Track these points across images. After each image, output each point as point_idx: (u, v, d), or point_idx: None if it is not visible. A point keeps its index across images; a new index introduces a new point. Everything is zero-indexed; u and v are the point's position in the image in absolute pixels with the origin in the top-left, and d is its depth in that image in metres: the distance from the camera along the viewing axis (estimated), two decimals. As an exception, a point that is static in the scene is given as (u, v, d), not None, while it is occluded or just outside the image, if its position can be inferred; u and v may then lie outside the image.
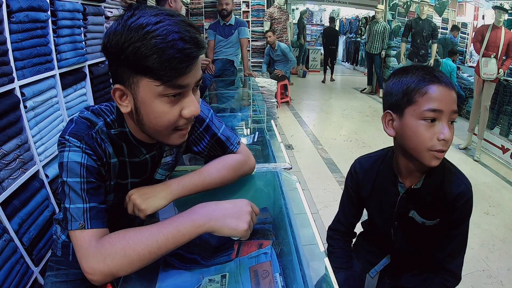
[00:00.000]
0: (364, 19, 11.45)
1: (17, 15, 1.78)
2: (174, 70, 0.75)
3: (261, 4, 7.47)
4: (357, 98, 7.84)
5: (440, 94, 0.98)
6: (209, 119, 1.12)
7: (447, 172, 1.14)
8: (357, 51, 12.06)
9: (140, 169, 1.03)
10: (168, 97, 0.80)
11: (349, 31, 12.95)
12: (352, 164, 1.35)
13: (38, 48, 1.95)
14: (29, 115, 1.88)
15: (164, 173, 1.13)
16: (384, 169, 1.23)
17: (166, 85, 0.77)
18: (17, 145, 1.76)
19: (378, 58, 7.55)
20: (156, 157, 1.05)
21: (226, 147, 1.16)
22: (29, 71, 1.88)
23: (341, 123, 6.00)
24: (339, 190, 3.55)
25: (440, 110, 0.98)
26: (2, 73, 1.67)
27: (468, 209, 1.14)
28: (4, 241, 1.64)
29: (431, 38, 6.08)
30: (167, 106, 0.81)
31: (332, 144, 4.89)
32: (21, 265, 1.74)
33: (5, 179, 1.69)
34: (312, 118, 6.23)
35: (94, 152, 0.87)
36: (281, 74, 6.33)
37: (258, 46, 7.68)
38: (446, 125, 0.99)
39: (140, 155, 1.00)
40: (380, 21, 7.35)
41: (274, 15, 7.03)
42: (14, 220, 1.73)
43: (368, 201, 1.32)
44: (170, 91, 0.78)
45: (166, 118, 0.82)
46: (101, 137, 0.91)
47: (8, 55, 1.73)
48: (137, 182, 1.04)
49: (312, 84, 9.74)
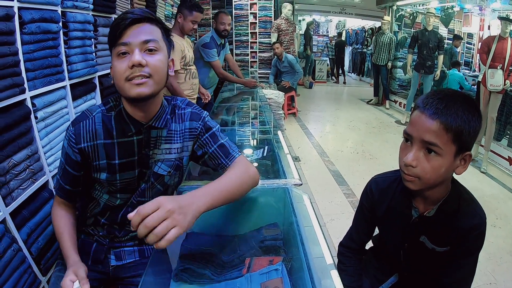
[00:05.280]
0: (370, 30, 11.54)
1: (29, 26, 1.80)
2: (115, 31, 1.07)
3: (269, 15, 7.50)
4: (364, 109, 7.83)
5: (416, 121, 0.99)
6: (216, 129, 1.29)
7: (462, 202, 1.12)
8: (363, 62, 12.12)
9: (127, 149, 1.19)
10: (119, 56, 1.07)
11: (355, 42, 13.03)
12: (368, 183, 1.34)
13: (50, 59, 1.98)
14: (40, 125, 1.89)
15: (167, 169, 1.27)
16: (400, 191, 1.21)
17: (115, 46, 1.08)
18: (27, 156, 1.77)
19: (384, 70, 7.55)
20: (143, 142, 1.20)
21: (229, 153, 1.26)
22: (40, 82, 1.90)
23: (347, 134, 5.98)
24: (346, 202, 3.53)
25: (410, 134, 1.01)
26: (13, 83, 1.68)
27: (480, 241, 1.12)
28: (13, 250, 1.64)
29: (438, 49, 6.06)
30: (119, 61, 1.07)
31: (339, 156, 4.87)
32: (29, 275, 1.74)
33: (15, 189, 1.69)
34: (318, 129, 6.22)
35: (76, 136, 1.16)
36: (288, 86, 6.34)
37: (265, 58, 7.70)
38: (414, 151, 1.00)
39: (129, 133, 1.17)
40: (387, 32, 7.35)
41: (282, 26, 7.06)
42: (23, 230, 1.73)
43: (381, 220, 1.31)
44: (118, 49, 1.07)
45: (118, 70, 1.07)
46: (95, 121, 1.17)
47: (20, 66, 1.75)
48: (125, 162, 1.20)
49: (318, 95, 9.75)
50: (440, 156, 0.97)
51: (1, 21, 1.61)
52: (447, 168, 1.00)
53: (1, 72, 1.62)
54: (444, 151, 0.96)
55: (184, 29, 2.99)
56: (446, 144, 0.96)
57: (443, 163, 0.98)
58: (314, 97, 9.42)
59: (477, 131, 0.97)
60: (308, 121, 6.70)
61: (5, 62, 1.64)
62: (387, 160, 4.60)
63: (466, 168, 1.04)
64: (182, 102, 1.30)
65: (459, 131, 0.94)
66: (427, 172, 0.99)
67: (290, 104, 6.78)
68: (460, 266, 1.15)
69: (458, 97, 0.97)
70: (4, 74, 1.63)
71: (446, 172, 1.01)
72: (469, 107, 0.96)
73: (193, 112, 1.28)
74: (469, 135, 0.95)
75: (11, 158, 1.67)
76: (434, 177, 1.00)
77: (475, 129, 0.96)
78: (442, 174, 1.01)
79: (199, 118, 1.27)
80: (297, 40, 8.26)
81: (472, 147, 1.03)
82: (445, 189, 1.10)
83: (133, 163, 1.21)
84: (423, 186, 1.03)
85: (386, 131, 6.08)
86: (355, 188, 3.84)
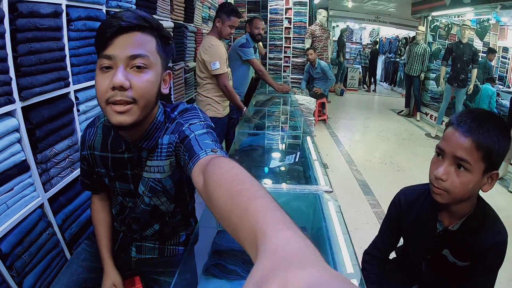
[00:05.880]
0: (404, 39, 11.32)
1: (76, 23, 1.91)
2: (100, 39, 0.90)
3: (303, 21, 7.52)
4: (394, 120, 7.69)
5: (449, 137, 1.04)
6: (194, 135, 0.97)
7: (486, 219, 1.14)
8: (396, 72, 11.89)
9: (120, 165, 1.16)
10: (102, 70, 0.90)
11: (388, 51, 12.82)
12: (397, 195, 1.37)
13: (93, 55, 2.07)
14: (81, 118, 1.99)
15: (144, 189, 1.16)
16: (426, 204, 1.24)
17: (99, 57, 0.91)
18: (68, 146, 1.87)
19: (417, 81, 7.37)
20: (134, 160, 1.12)
21: (194, 153, 0.90)
22: (84, 77, 2.00)
23: (376, 144, 5.90)
24: (371, 213, 3.49)
25: (442, 149, 1.05)
26: (59, 77, 1.78)
27: (500, 260, 1.14)
28: (48, 234, 1.74)
29: (472, 63, 5.90)
30: (101, 77, 0.90)
31: (367, 166, 4.81)
32: (60, 258, 1.84)
33: (54, 177, 1.79)
34: (348, 137, 6.16)
35: (81, 142, 1.21)
36: (319, 92, 6.32)
37: (298, 63, 7.72)
38: (444, 165, 1.04)
39: (119, 149, 1.11)
40: (421, 43, 7.19)
41: (316, 32, 7.06)
42: (59, 216, 1.83)
43: (407, 231, 1.34)
44: (102, 61, 0.90)
45: (98, 88, 0.91)
46: (96, 132, 1.16)
47: (66, 61, 1.85)
48: (120, 175, 1.17)
49: (349, 103, 9.66)
50: (469, 172, 1.01)
51: (50, 18, 1.72)
52: (474, 185, 1.03)
53: (49, 66, 1.72)
54: (473, 167, 1.00)
55: (222, 34, 3.05)
56: (476, 161, 1.00)
57: (472, 179, 1.02)
58: (345, 104, 9.34)
59: (506, 151, 1.01)
60: (338, 128, 6.66)
61: (53, 56, 1.74)
62: (415, 173, 4.51)
63: (492, 186, 1.07)
64: (176, 111, 1.12)
65: (490, 149, 0.98)
66: (456, 187, 1.03)
67: (320, 110, 6.76)
68: (479, 282, 1.16)
69: (490, 117, 1.02)
70: (51, 68, 1.74)
71: (473, 188, 1.05)
72: (500, 127, 1.01)
73: (178, 122, 1.07)
74: (498, 154, 1.00)
75: (53, 147, 1.76)
76: (462, 192, 1.04)
77: (504, 149, 1.00)
78: (470, 190, 1.04)
79: (178, 130, 1.05)
80: (330, 47, 8.22)
81: (499, 166, 1.06)
82: (470, 205, 1.13)
83: (127, 178, 1.17)
84: (450, 200, 1.07)
85: (415, 143, 5.97)
86: (381, 199, 3.78)
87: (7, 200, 1.53)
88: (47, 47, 1.71)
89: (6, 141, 1.49)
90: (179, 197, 1.24)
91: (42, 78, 1.67)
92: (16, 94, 1.53)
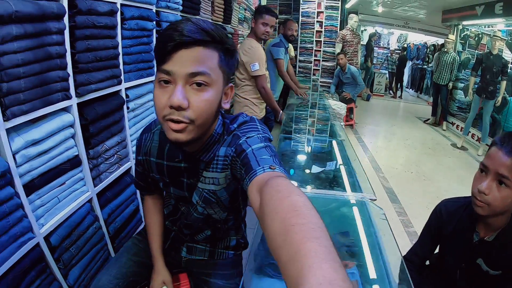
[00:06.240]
0: (433, 47, 11.11)
1: (129, 22, 1.94)
2: (159, 52, 0.86)
3: (334, 25, 7.48)
4: (420, 128, 7.56)
5: (493, 155, 1.14)
6: (251, 149, 0.91)
7: None
8: (423, 79, 11.66)
9: (176, 174, 1.14)
10: (160, 83, 0.87)
11: (416, 57, 12.60)
12: (438, 205, 1.48)
13: (143, 54, 2.11)
14: (130, 115, 2.04)
15: (197, 199, 1.15)
16: (466, 215, 1.34)
17: (158, 70, 0.87)
18: (117, 142, 1.91)
19: (445, 90, 7.21)
20: (191, 171, 1.11)
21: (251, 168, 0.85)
22: (134, 75, 2.04)
23: (402, 152, 5.82)
24: (397, 220, 3.44)
25: (486, 166, 1.15)
26: (113, 75, 1.82)
27: None
28: (95, 228, 1.79)
29: (501, 75, 5.76)
30: (160, 91, 0.87)
31: (393, 173, 4.76)
32: (104, 252, 1.89)
33: (103, 172, 1.83)
34: (374, 144, 6.10)
35: (138, 147, 1.21)
36: (348, 97, 6.29)
37: (328, 67, 7.68)
38: (488, 181, 1.14)
39: (175, 159, 1.10)
40: (450, 51, 7.03)
41: (347, 37, 6.99)
42: (105, 210, 1.88)
43: (445, 240, 1.43)
44: (160, 75, 0.86)
45: (157, 102, 0.88)
46: (153, 138, 1.16)
47: (119, 59, 1.89)
48: (175, 182, 1.16)
49: (375, 108, 9.55)
50: (509, 188, 1.11)
51: (106, 16, 1.76)
52: None
53: (104, 64, 1.76)
54: None
55: (256, 33, 3.06)
56: None
57: (511, 195, 1.12)
58: (371, 110, 9.24)
59: None
60: (364, 134, 6.60)
61: (107, 54, 1.78)
62: (440, 184, 4.42)
63: None
64: (236, 123, 1.08)
65: None
66: (496, 200, 1.13)
67: (348, 115, 6.71)
68: None
69: None
70: (105, 65, 1.78)
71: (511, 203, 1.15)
72: None
73: (234, 135, 1.03)
74: None
75: (104, 143, 1.81)
76: (501, 206, 1.14)
77: None
78: (508, 204, 1.14)
79: (234, 143, 0.99)
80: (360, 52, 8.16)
81: None
82: (506, 218, 1.22)
83: (182, 185, 1.16)
84: (490, 212, 1.17)
85: (441, 153, 5.86)
86: (407, 207, 3.74)
87: (59, 194, 1.57)
88: (103, 44, 1.75)
89: (61, 136, 1.54)
90: (233, 207, 1.23)
91: (98, 75, 1.72)
92: (72, 90, 1.57)
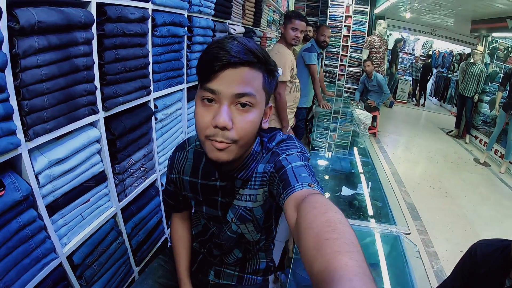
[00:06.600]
0: (459, 55, 10.82)
1: (160, 29, 1.85)
2: (205, 71, 0.84)
3: (362, 30, 7.34)
4: (443, 140, 7.37)
5: None
6: (291, 167, 0.90)
7: None
8: (447, 88, 11.36)
9: (210, 192, 1.11)
10: (203, 101, 0.86)
11: (441, 65, 12.31)
12: (474, 245, 1.51)
13: (173, 62, 2.03)
14: (157, 126, 1.96)
15: (233, 216, 1.11)
16: (501, 259, 1.36)
17: (202, 88, 0.85)
18: (144, 155, 1.83)
19: (470, 102, 6.97)
20: (227, 189, 1.07)
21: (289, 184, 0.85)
22: (163, 84, 1.96)
23: (425, 165, 5.69)
24: (418, 239, 3.34)
25: None
26: (142, 85, 1.74)
27: None
28: (118, 243, 1.73)
29: None
30: (203, 109, 0.86)
31: (415, 188, 4.65)
32: (126, 265, 1.82)
33: (128, 186, 1.76)
34: (397, 155, 5.96)
35: (170, 165, 1.18)
36: (373, 105, 6.15)
37: (354, 72, 7.55)
38: None
39: (212, 177, 1.07)
40: (478, 63, 6.81)
41: (374, 43, 6.83)
42: (128, 224, 1.81)
43: (476, 280, 1.45)
44: (204, 93, 0.85)
45: (199, 121, 0.87)
46: (187, 156, 1.14)
47: (149, 68, 1.80)
48: (209, 200, 1.13)
49: (398, 116, 9.35)
50: None
51: (137, 23, 1.65)
52: None
53: (133, 74, 1.67)
54: None
55: (286, 38, 2.99)
56: None
57: None
58: (394, 118, 9.05)
59: None
60: (387, 144, 6.45)
61: (137, 64, 1.69)
62: (462, 202, 4.30)
63: None
64: (274, 141, 1.06)
65: None
66: None
67: (371, 123, 6.57)
68: None
69: None
70: (135, 76, 1.69)
71: None
72: None
73: (273, 152, 1.01)
74: None
75: (131, 157, 1.73)
76: None
77: None
78: None
79: (273, 160, 0.98)
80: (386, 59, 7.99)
81: None
82: None
83: (216, 204, 1.13)
84: None
85: (463, 168, 5.70)
86: (428, 225, 3.66)
87: (82, 212, 1.51)
88: (133, 54, 1.66)
89: (87, 153, 1.46)
90: (265, 227, 1.19)
91: (126, 86, 1.63)
92: (99, 103, 1.49)
